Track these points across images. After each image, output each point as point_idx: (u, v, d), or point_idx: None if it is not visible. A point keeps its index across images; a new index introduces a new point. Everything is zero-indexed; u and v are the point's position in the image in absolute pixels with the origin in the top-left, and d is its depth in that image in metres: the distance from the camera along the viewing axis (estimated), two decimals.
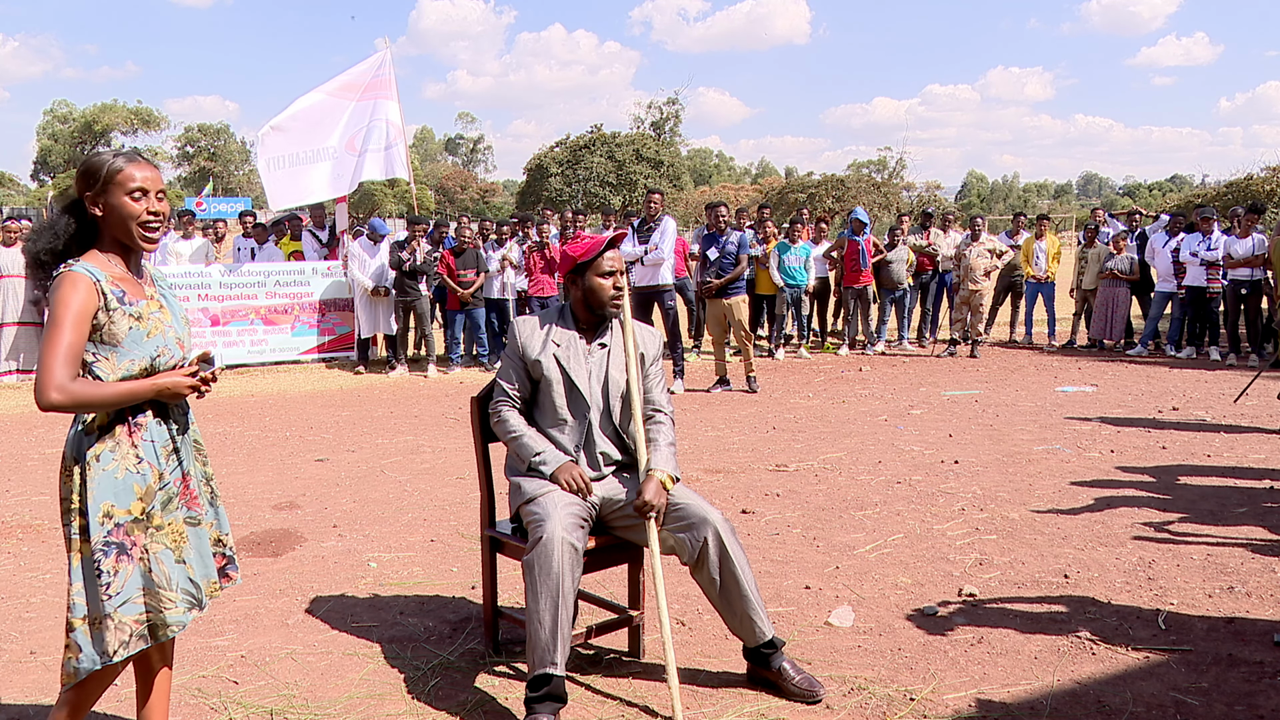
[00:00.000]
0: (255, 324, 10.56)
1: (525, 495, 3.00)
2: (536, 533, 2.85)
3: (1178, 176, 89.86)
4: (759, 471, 5.86)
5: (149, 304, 2.34)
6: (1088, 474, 5.65)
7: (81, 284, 2.22)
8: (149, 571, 2.28)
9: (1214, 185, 23.83)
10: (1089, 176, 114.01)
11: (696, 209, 36.93)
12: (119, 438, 2.28)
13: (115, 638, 2.23)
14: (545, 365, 3.11)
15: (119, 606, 2.24)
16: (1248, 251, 10.28)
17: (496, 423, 3.17)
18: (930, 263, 11.90)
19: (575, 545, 2.83)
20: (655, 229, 8.91)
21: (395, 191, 48.99)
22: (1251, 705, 2.86)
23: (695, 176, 65.47)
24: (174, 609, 2.31)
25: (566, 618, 2.78)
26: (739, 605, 2.98)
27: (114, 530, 2.24)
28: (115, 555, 2.24)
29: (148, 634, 2.29)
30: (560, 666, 2.76)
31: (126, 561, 2.25)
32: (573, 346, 3.14)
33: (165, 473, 2.35)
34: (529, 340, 3.14)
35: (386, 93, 11.13)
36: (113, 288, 2.27)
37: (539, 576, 2.79)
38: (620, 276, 3.13)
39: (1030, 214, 14.46)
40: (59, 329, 2.18)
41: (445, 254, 10.28)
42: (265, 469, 6.15)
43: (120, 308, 2.27)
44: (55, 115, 63.13)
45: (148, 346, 2.31)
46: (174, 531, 2.35)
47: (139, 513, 2.28)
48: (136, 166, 2.30)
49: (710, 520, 2.97)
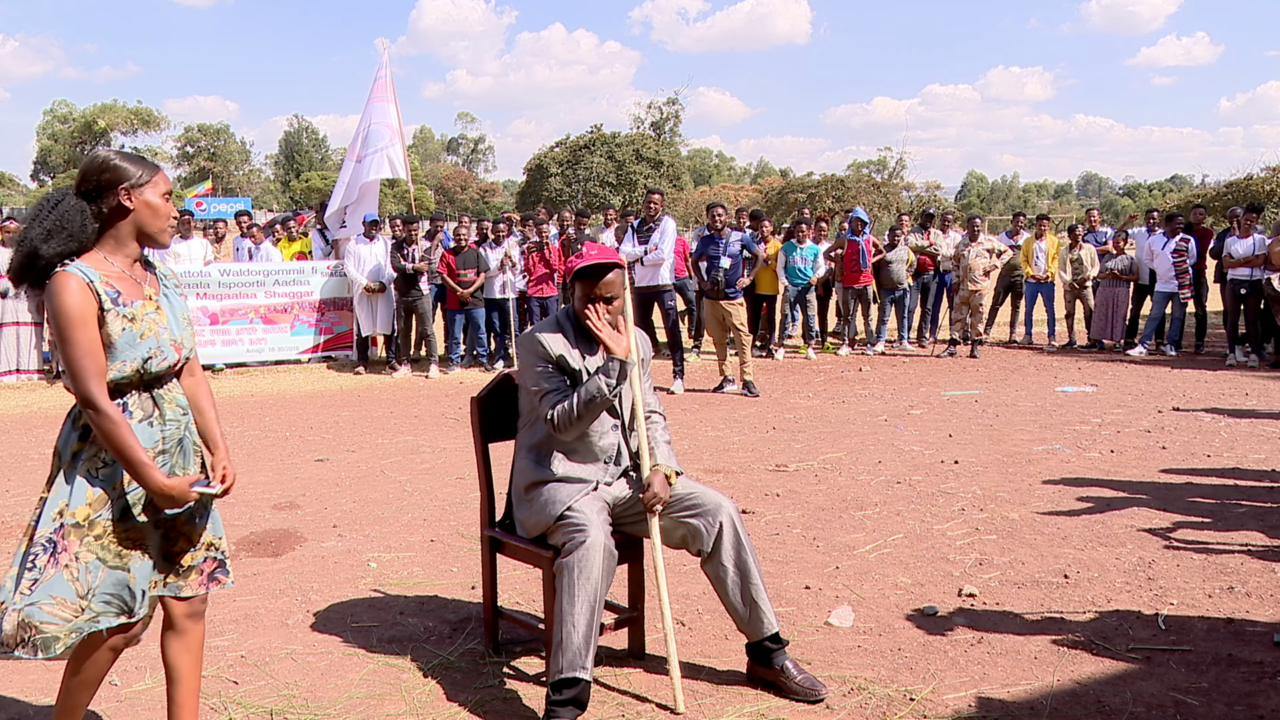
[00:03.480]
0: (254, 323, 10.56)
1: (562, 499, 2.96)
2: (579, 538, 2.83)
3: (1178, 176, 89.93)
4: (759, 471, 5.86)
5: (145, 304, 2.33)
6: (1088, 474, 5.65)
7: (74, 285, 2.20)
8: (73, 580, 2.23)
9: (1214, 185, 23.84)
10: (1089, 176, 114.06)
11: (696, 209, 36.95)
12: (97, 441, 2.28)
13: (16, 633, 2.21)
14: (584, 375, 3.03)
15: (27, 606, 2.21)
16: (1248, 251, 10.28)
17: (560, 415, 2.94)
18: (930, 263, 11.90)
19: (614, 552, 2.86)
20: (655, 229, 8.91)
21: (395, 191, 48.98)
22: (1251, 705, 2.86)
23: (695, 176, 65.51)
24: (78, 618, 2.24)
25: (597, 623, 2.80)
26: (750, 593, 2.98)
27: (57, 530, 2.24)
28: (49, 555, 2.23)
29: (42, 645, 2.21)
30: (590, 671, 2.77)
31: (52, 566, 2.23)
32: (600, 358, 3.07)
33: None
34: (561, 348, 3.03)
35: (384, 95, 11.20)
36: (107, 288, 2.25)
37: (578, 580, 2.78)
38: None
39: (1030, 214, 14.47)
40: (70, 338, 2.18)
41: (445, 254, 10.27)
42: (265, 469, 6.15)
43: (114, 309, 2.25)
44: (55, 115, 63.17)
45: (140, 349, 2.29)
46: (127, 538, 2.31)
47: (82, 518, 2.25)
48: (162, 174, 2.40)
49: (724, 506, 3.01)
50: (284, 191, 64.95)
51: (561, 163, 42.67)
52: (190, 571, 2.46)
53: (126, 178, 2.29)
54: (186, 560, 2.45)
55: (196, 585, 2.47)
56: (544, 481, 3.02)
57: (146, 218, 2.33)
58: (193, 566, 2.46)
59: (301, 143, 74.88)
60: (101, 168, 2.30)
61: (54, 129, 62.33)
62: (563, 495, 2.96)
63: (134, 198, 2.31)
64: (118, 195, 2.29)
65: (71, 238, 2.25)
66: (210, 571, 2.50)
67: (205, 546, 2.48)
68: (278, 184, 68.98)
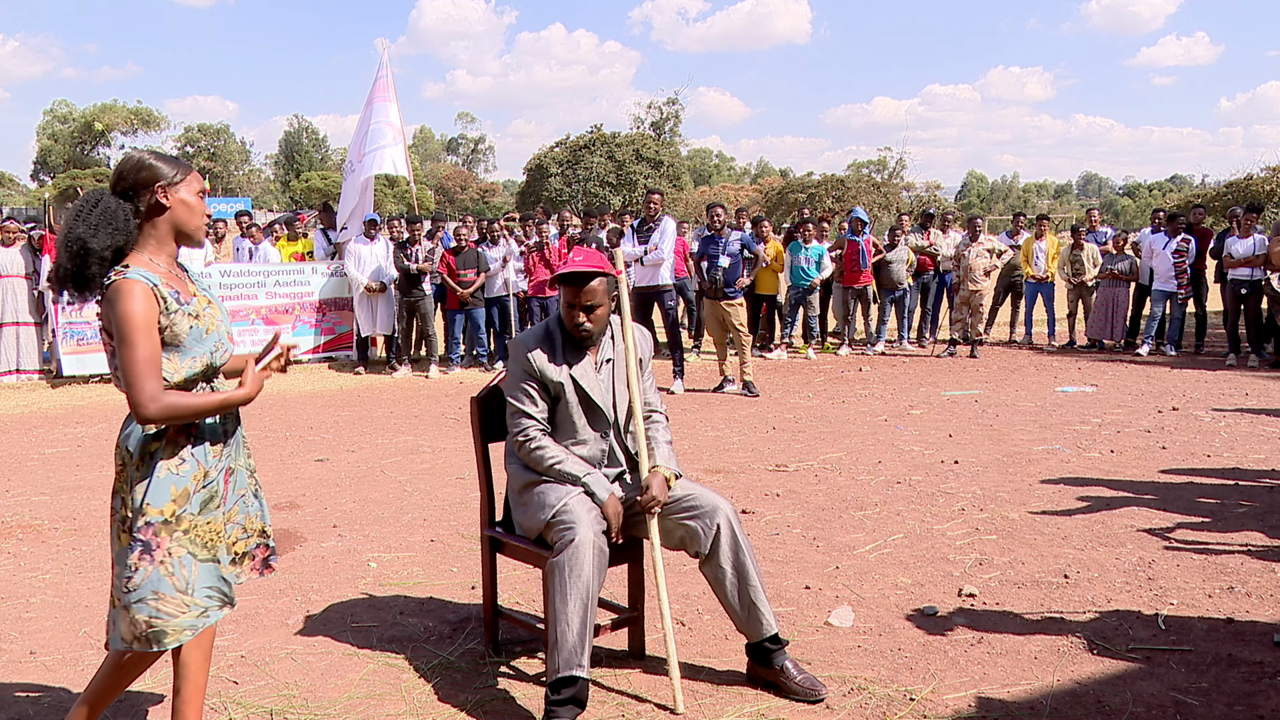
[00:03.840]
0: (256, 324, 10.55)
1: (551, 501, 2.96)
2: (568, 536, 2.83)
3: (1178, 176, 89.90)
4: (759, 471, 5.86)
5: (199, 301, 2.37)
6: (1088, 474, 5.65)
7: (140, 291, 2.21)
8: (170, 575, 2.30)
9: (1214, 185, 23.84)
10: (1089, 176, 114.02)
11: (696, 209, 36.96)
12: (170, 437, 2.32)
13: (130, 630, 2.29)
14: (566, 387, 3.05)
15: (133, 603, 2.28)
16: (1248, 251, 10.28)
17: (533, 450, 3.01)
18: (930, 263, 11.90)
19: (604, 550, 2.85)
20: (655, 229, 8.92)
21: (395, 191, 49.00)
22: (1251, 705, 2.86)
23: (695, 176, 65.53)
24: (186, 614, 2.31)
25: (592, 622, 2.80)
26: (748, 595, 2.98)
27: (144, 528, 2.28)
28: (139, 552, 2.28)
29: (153, 638, 2.29)
30: (586, 669, 2.77)
31: (148, 561, 2.28)
32: (586, 364, 3.09)
33: (211, 470, 2.37)
34: (542, 362, 3.06)
35: (384, 95, 11.19)
36: (168, 290, 2.28)
37: (570, 579, 2.78)
38: (590, 312, 3.02)
39: (1030, 214, 14.48)
40: (134, 342, 2.19)
41: (445, 254, 10.28)
42: (265, 469, 6.15)
43: (180, 308, 2.29)
44: (55, 115, 63.14)
45: (207, 343, 2.35)
46: (210, 531, 2.37)
47: (170, 515, 2.30)
48: (195, 173, 2.43)
49: (722, 508, 3.00)
50: (284, 191, 64.96)
51: (561, 163, 42.68)
52: (244, 559, 2.53)
53: (162, 176, 2.32)
54: (240, 547, 2.52)
55: (250, 571, 2.55)
56: (536, 483, 3.04)
57: (183, 215, 2.36)
58: (246, 553, 2.54)
59: (301, 143, 74.89)
60: (138, 167, 2.32)
61: (54, 129, 62.31)
62: (552, 497, 2.98)
63: (170, 195, 2.33)
64: (154, 193, 2.31)
65: (118, 231, 2.25)
66: (264, 558, 2.58)
67: (258, 533, 2.56)
68: (278, 184, 68.99)
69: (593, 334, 3.07)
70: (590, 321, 3.04)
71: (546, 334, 3.12)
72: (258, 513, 2.56)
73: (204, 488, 2.35)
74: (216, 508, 2.39)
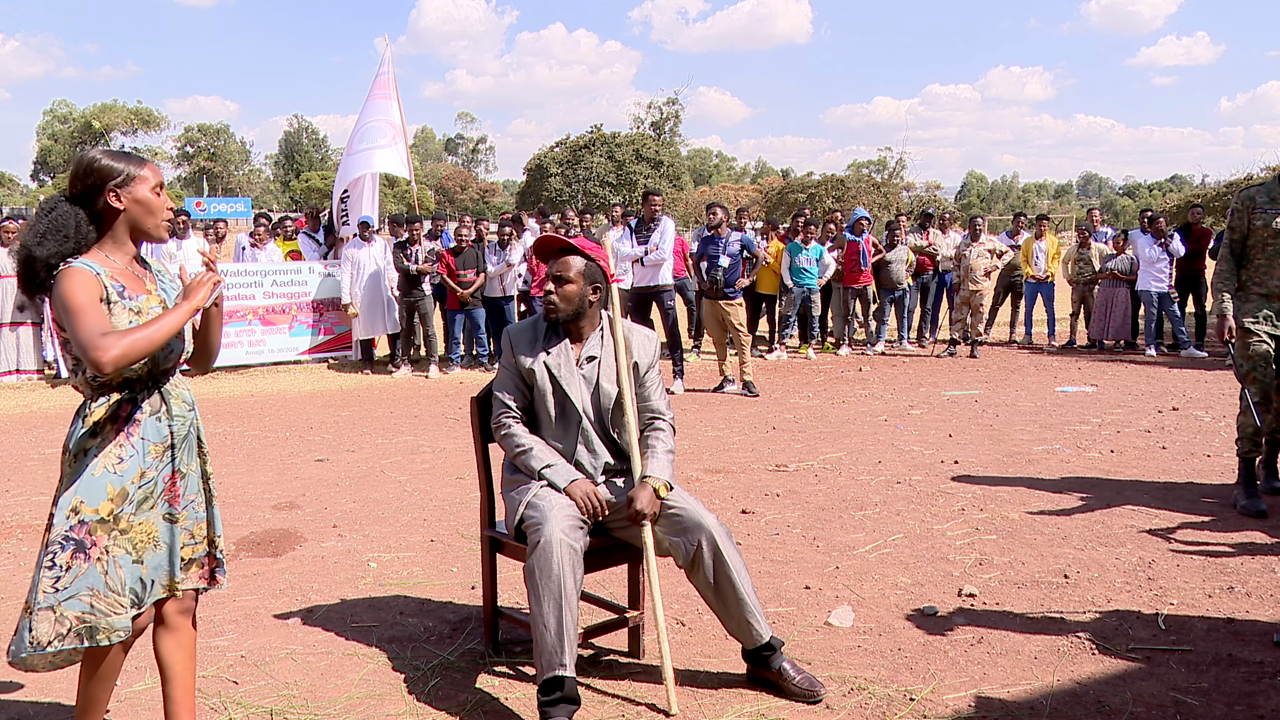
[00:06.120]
0: (253, 324, 10.54)
1: (521, 502, 2.99)
2: (535, 536, 2.84)
3: (1178, 176, 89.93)
4: (759, 471, 5.86)
5: (149, 299, 2.35)
6: (1088, 474, 5.65)
7: (80, 274, 2.22)
8: (105, 574, 2.27)
9: (1214, 185, 23.83)
10: (1089, 176, 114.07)
11: (696, 209, 36.95)
12: (107, 435, 2.30)
13: (53, 629, 2.24)
14: (538, 374, 3.10)
15: (63, 600, 2.24)
16: None
17: (503, 436, 3.11)
18: (930, 263, 11.90)
19: (574, 546, 2.82)
20: (654, 229, 8.92)
21: (395, 191, 48.99)
22: (1251, 705, 2.86)
23: (695, 176, 65.52)
24: (122, 615, 2.29)
25: (571, 619, 2.77)
26: (735, 609, 2.97)
27: (76, 526, 2.25)
28: (71, 551, 2.24)
29: (85, 634, 2.26)
30: (570, 668, 2.76)
31: (82, 560, 2.25)
32: (563, 355, 3.12)
33: (149, 470, 2.35)
34: (521, 348, 3.12)
35: (385, 93, 11.14)
36: (112, 282, 2.27)
37: (540, 580, 2.79)
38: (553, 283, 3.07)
39: (1030, 214, 14.47)
40: (79, 311, 2.17)
41: (445, 254, 10.27)
42: (265, 469, 6.15)
43: (120, 302, 2.28)
44: (55, 115, 63.18)
45: None
46: (143, 531, 2.34)
47: (106, 514, 2.27)
48: (151, 166, 2.38)
49: (705, 525, 2.96)
50: (284, 191, 64.97)
51: (561, 163, 42.69)
52: (191, 565, 2.50)
53: (112, 176, 2.30)
54: (188, 554, 2.48)
55: (196, 579, 2.51)
56: (513, 483, 3.09)
57: (139, 215, 2.34)
58: (193, 560, 2.50)
59: (301, 143, 74.92)
60: (86, 170, 2.30)
61: (54, 129, 62.33)
62: (522, 497, 3.00)
63: (123, 197, 2.31)
64: (105, 196, 2.30)
65: (66, 239, 2.25)
66: (211, 569, 2.54)
67: (206, 542, 2.52)
68: (278, 184, 69.02)
69: (558, 308, 3.09)
70: (557, 295, 3.07)
71: (534, 323, 3.19)
72: (206, 521, 2.51)
73: (140, 487, 2.33)
74: (151, 508, 2.36)
